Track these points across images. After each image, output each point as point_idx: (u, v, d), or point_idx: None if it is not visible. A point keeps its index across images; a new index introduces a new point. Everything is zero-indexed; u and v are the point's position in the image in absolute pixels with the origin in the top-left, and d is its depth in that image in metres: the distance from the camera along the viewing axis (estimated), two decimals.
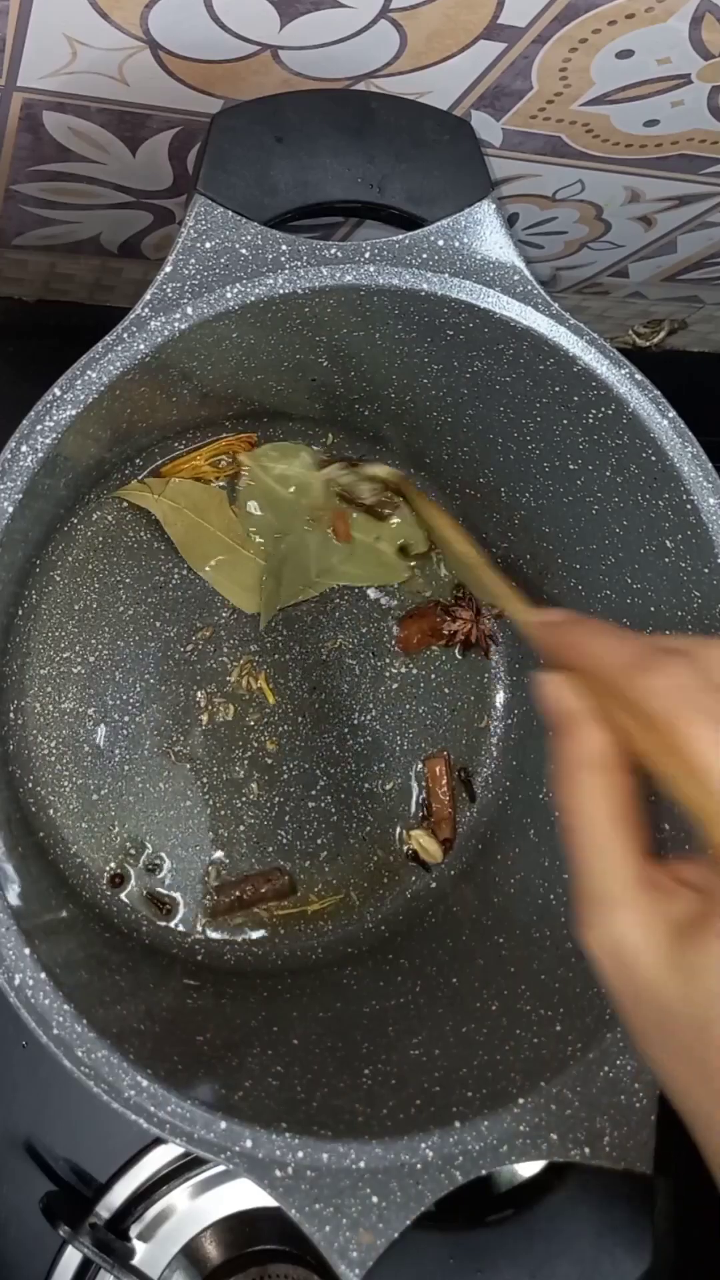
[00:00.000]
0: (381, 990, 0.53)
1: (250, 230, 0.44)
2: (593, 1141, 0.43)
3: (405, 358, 0.51)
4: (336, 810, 0.59)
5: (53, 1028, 0.40)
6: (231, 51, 0.46)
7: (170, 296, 0.43)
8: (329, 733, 0.60)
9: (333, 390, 0.55)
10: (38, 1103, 0.60)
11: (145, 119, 0.51)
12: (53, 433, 0.42)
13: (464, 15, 0.45)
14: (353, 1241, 0.40)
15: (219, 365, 0.50)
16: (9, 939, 0.40)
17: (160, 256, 0.63)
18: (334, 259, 0.44)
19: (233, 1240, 0.59)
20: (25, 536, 0.49)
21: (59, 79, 0.48)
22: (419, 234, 0.45)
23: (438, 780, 0.60)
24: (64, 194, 0.58)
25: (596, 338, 0.46)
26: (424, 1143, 0.41)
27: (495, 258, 0.46)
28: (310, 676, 0.60)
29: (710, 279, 0.72)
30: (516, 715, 0.61)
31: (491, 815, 0.61)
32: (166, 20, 0.44)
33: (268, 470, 0.58)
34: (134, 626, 0.57)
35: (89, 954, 0.48)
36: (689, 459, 0.46)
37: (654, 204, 0.61)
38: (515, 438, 0.52)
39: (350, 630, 0.60)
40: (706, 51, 0.48)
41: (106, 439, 0.52)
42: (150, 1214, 0.58)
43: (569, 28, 0.46)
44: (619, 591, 0.52)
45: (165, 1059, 0.42)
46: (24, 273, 0.67)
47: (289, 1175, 0.40)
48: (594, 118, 0.52)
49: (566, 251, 0.68)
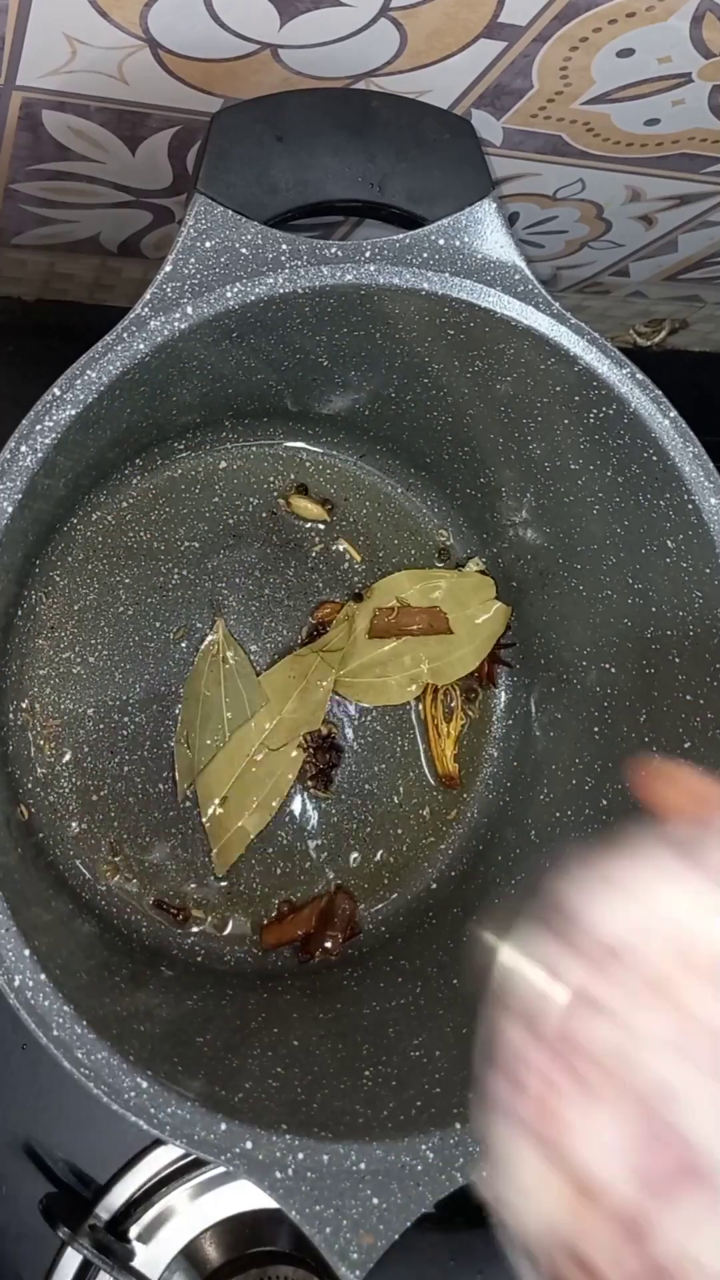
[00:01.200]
0: (382, 991, 0.53)
1: (250, 229, 0.44)
2: None
3: (405, 358, 0.51)
4: (337, 811, 0.59)
5: (53, 1029, 0.40)
6: (231, 50, 0.46)
7: (170, 296, 0.43)
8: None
9: (333, 390, 0.55)
10: (38, 1104, 0.60)
11: (145, 118, 0.51)
12: (52, 433, 0.42)
13: (464, 14, 0.44)
14: (353, 1243, 0.40)
15: (219, 365, 0.50)
16: (8, 940, 0.39)
17: (160, 256, 0.63)
18: (334, 258, 0.44)
19: (233, 1242, 0.59)
20: (25, 537, 0.49)
21: (58, 78, 0.48)
22: (419, 233, 0.45)
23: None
24: (63, 193, 0.58)
25: (598, 337, 0.46)
26: (425, 1144, 0.41)
27: (496, 257, 0.46)
28: None
29: (711, 278, 0.72)
30: (516, 715, 0.61)
31: (491, 815, 0.60)
32: (166, 19, 0.44)
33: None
34: (134, 626, 0.57)
35: (89, 955, 0.48)
36: (690, 459, 0.46)
37: (655, 203, 0.61)
38: (516, 438, 0.52)
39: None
40: (707, 50, 0.48)
41: (106, 439, 0.51)
42: (150, 1215, 0.58)
43: (569, 26, 0.45)
44: (620, 591, 0.52)
45: (165, 1060, 0.42)
46: (23, 272, 0.67)
47: (289, 1177, 0.40)
48: (595, 116, 0.52)
49: (567, 251, 0.68)
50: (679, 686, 0.49)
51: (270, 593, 0.59)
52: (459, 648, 0.60)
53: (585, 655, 0.56)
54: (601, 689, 0.55)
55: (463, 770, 0.61)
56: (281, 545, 0.60)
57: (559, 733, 0.58)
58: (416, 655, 0.59)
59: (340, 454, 0.61)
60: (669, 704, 0.50)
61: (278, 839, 0.58)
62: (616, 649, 0.53)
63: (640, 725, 0.52)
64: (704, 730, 0.48)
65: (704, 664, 0.48)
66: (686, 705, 0.49)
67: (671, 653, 0.50)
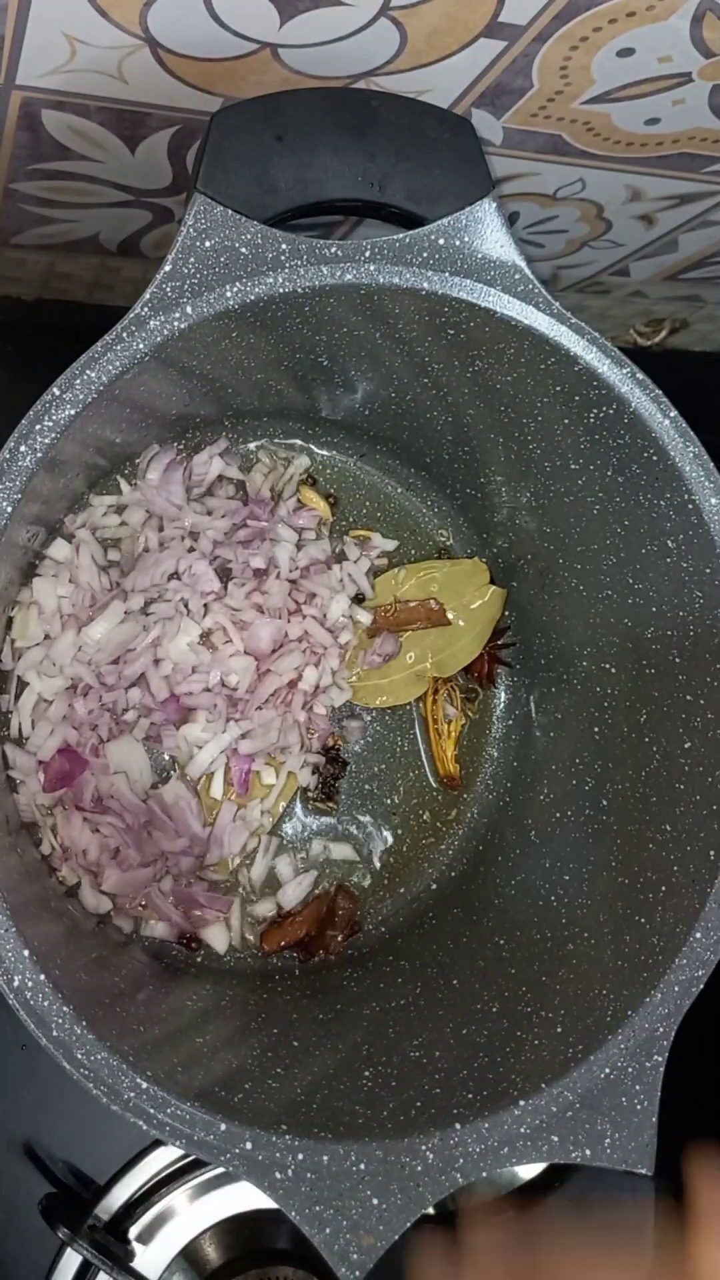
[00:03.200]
0: (382, 992, 0.53)
1: (250, 229, 0.44)
2: (594, 1143, 0.43)
3: (405, 358, 0.51)
4: (336, 811, 0.59)
5: (52, 1030, 0.39)
6: (231, 50, 0.46)
7: (170, 295, 0.43)
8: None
9: (333, 390, 0.55)
10: (37, 1105, 0.60)
11: (144, 117, 0.51)
12: (51, 433, 0.41)
13: (464, 13, 0.44)
14: (353, 1243, 0.40)
15: (219, 365, 0.50)
16: (8, 940, 0.39)
17: (159, 255, 0.63)
18: (334, 258, 0.44)
19: (232, 1242, 0.59)
20: (24, 537, 0.49)
21: (58, 77, 0.48)
22: (419, 233, 0.45)
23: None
24: (63, 192, 0.58)
25: (598, 337, 0.46)
26: (424, 1144, 0.41)
27: (496, 256, 0.46)
28: None
29: (711, 278, 0.72)
30: (516, 716, 0.61)
31: (491, 815, 0.60)
32: (166, 18, 0.44)
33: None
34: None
35: (88, 956, 0.48)
36: (691, 459, 0.46)
37: (655, 202, 0.61)
38: (516, 438, 0.52)
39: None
40: (708, 50, 0.48)
41: (106, 439, 0.51)
42: (150, 1216, 0.58)
43: (569, 26, 0.45)
44: (620, 591, 0.52)
45: (165, 1061, 0.41)
46: (23, 272, 0.67)
47: (289, 1177, 0.40)
48: (595, 116, 0.52)
49: (567, 250, 0.67)
50: (679, 686, 0.49)
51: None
52: (460, 638, 0.60)
53: (585, 655, 0.56)
54: (602, 689, 0.55)
55: (463, 770, 0.61)
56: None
57: (559, 733, 0.58)
58: (418, 651, 0.59)
59: (340, 454, 0.61)
60: (669, 704, 0.50)
61: (279, 839, 0.58)
62: (616, 649, 0.53)
63: (640, 725, 0.52)
64: (704, 730, 0.48)
65: (704, 664, 0.48)
66: (686, 705, 0.49)
67: (671, 653, 0.50)
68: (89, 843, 0.52)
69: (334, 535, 0.60)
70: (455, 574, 0.60)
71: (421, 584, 0.60)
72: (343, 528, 0.61)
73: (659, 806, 0.49)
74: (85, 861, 0.52)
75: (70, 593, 0.53)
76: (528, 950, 0.51)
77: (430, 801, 0.60)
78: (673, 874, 0.47)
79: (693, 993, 0.44)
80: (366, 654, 0.59)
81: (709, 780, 0.47)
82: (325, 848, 0.58)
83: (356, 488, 0.61)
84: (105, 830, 0.53)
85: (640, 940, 0.46)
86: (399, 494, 0.62)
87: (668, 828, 0.48)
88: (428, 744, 0.60)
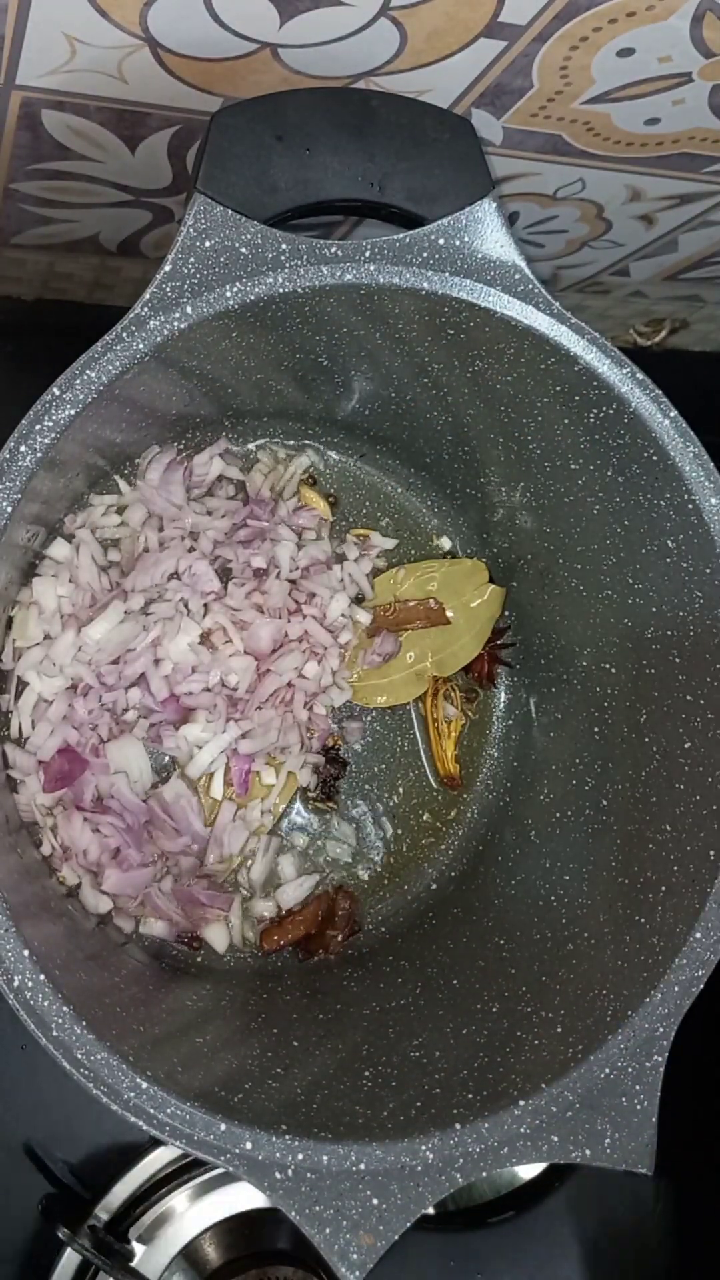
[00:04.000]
0: (382, 992, 0.53)
1: (250, 229, 0.44)
2: (594, 1143, 0.42)
3: (405, 358, 0.51)
4: (336, 811, 0.59)
5: (52, 1030, 0.39)
6: (231, 50, 0.46)
7: (170, 295, 0.43)
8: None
9: (333, 390, 0.55)
10: (37, 1105, 0.60)
11: (144, 117, 0.51)
12: (51, 433, 0.41)
13: (464, 13, 0.44)
14: (353, 1243, 0.40)
15: (219, 365, 0.50)
16: (8, 940, 0.39)
17: (159, 255, 0.63)
18: (334, 258, 0.44)
19: (232, 1242, 0.59)
20: (24, 537, 0.49)
21: (58, 77, 0.48)
22: (419, 233, 0.45)
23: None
24: (63, 192, 0.58)
25: (598, 337, 0.46)
26: (424, 1144, 0.41)
27: (496, 256, 0.46)
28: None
29: (711, 278, 0.72)
30: (516, 715, 0.61)
31: (491, 815, 0.60)
32: (166, 18, 0.44)
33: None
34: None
35: (88, 956, 0.48)
36: (691, 459, 0.46)
37: (655, 202, 0.61)
38: (516, 438, 0.52)
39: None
40: (708, 50, 0.48)
41: (106, 439, 0.51)
42: (150, 1216, 0.58)
43: (569, 26, 0.45)
44: (620, 592, 0.52)
45: (165, 1061, 0.41)
46: (23, 271, 0.67)
47: (289, 1177, 0.40)
48: (595, 116, 0.52)
49: (567, 250, 0.67)
50: (679, 686, 0.49)
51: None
52: (460, 636, 0.60)
53: (585, 655, 0.56)
54: (602, 689, 0.55)
55: (462, 770, 0.61)
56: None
57: (559, 733, 0.58)
58: (418, 650, 0.59)
59: (340, 454, 0.61)
60: (669, 704, 0.50)
61: (279, 839, 0.58)
62: (616, 649, 0.53)
63: (640, 725, 0.52)
64: (704, 730, 0.48)
65: (704, 664, 0.48)
66: (686, 705, 0.49)
67: (671, 653, 0.50)
68: (89, 843, 0.52)
69: (334, 535, 0.60)
70: (454, 573, 0.60)
71: (421, 583, 0.60)
72: (343, 528, 0.61)
73: (659, 806, 0.49)
74: (85, 861, 0.52)
75: (70, 593, 0.53)
76: (528, 950, 0.51)
77: (430, 801, 0.60)
78: (673, 874, 0.47)
79: (693, 993, 0.44)
80: (366, 654, 0.59)
81: (709, 780, 0.47)
82: (325, 847, 0.58)
83: (356, 488, 0.61)
84: (105, 830, 0.53)
85: (640, 940, 0.46)
86: (399, 494, 0.62)
87: (668, 828, 0.48)
88: (428, 744, 0.60)
